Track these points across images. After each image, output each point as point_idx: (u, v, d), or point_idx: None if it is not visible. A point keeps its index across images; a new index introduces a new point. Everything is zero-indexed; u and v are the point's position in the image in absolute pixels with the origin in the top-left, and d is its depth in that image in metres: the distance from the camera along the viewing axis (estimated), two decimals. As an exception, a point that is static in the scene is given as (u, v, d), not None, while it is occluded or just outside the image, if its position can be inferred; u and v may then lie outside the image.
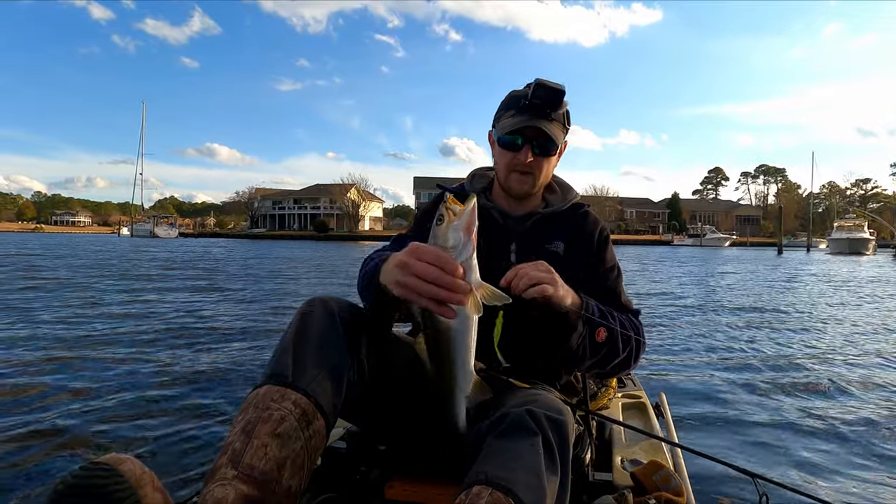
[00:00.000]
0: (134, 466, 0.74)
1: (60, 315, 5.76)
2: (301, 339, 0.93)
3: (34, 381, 3.20)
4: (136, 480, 0.72)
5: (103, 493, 0.69)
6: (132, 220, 62.42)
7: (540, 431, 0.87)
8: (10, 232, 73.74)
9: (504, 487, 0.78)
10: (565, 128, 1.21)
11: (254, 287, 9.36)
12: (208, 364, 3.74)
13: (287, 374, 0.88)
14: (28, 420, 2.53)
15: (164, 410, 2.76)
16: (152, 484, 0.74)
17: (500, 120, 1.20)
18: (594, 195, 65.14)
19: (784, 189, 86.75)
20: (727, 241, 53.43)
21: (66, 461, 2.12)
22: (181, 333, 4.89)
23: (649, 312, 6.92)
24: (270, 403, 0.84)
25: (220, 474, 0.77)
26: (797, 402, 3.19)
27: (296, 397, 0.86)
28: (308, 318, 0.96)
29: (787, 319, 6.61)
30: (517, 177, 1.20)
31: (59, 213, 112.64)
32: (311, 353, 0.91)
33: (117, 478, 0.71)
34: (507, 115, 1.18)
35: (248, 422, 0.82)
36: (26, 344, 4.28)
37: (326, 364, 0.91)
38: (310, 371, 0.89)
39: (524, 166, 1.18)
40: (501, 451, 0.85)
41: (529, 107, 1.15)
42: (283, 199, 69.88)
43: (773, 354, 4.55)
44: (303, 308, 0.99)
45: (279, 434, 0.81)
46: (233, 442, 0.81)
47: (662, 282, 11.91)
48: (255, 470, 0.78)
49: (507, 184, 1.22)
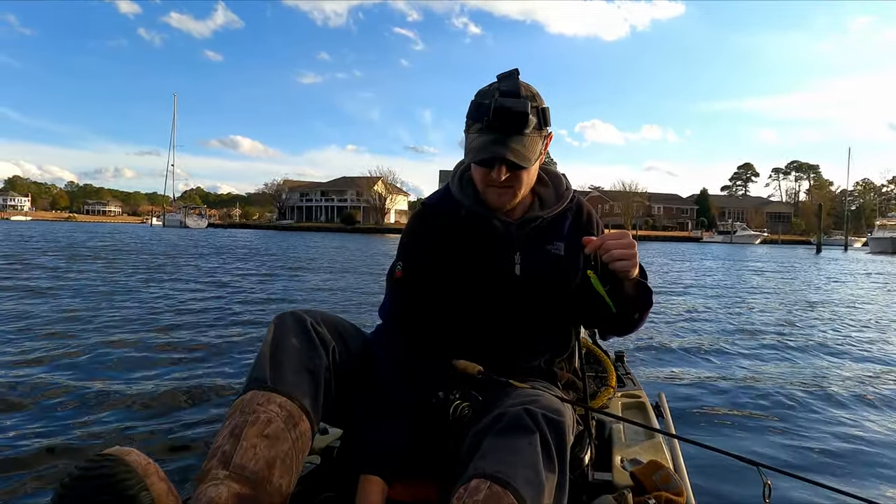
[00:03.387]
0: (139, 458, 0.75)
1: (164, 297, 6.04)
2: (277, 347, 0.96)
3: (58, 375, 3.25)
4: (143, 470, 0.74)
5: (111, 482, 0.71)
6: (164, 210, 63.73)
7: (538, 430, 0.88)
8: (44, 220, 75.82)
9: (502, 481, 0.79)
10: (541, 130, 1.09)
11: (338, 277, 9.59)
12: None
13: (269, 378, 0.91)
14: (31, 416, 2.54)
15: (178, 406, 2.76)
16: (157, 474, 0.76)
17: (469, 131, 1.09)
18: (622, 190, 64.32)
19: (816, 186, 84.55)
20: (758, 238, 52.41)
21: (69, 458, 2.12)
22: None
23: (685, 311, 6.91)
24: (256, 407, 0.86)
25: (211, 475, 0.79)
26: (804, 403, 3.11)
27: (281, 400, 0.88)
28: (280, 329, 1.00)
29: (843, 317, 6.55)
30: (495, 191, 1.10)
31: (90, 202, 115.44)
32: (288, 359, 0.94)
33: (124, 468, 0.72)
34: (473, 129, 1.07)
35: (236, 425, 0.84)
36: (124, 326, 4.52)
37: (304, 369, 0.95)
38: (290, 376, 0.92)
39: (500, 183, 1.07)
40: (499, 448, 0.86)
41: (492, 128, 1.04)
42: (310, 192, 70.48)
43: (800, 356, 4.43)
44: (275, 321, 1.03)
45: (267, 435, 0.83)
46: (221, 445, 0.83)
47: (712, 281, 11.76)
48: (247, 469, 0.80)
49: (485, 198, 1.13)
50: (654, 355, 4.33)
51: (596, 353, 1.87)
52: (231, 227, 62.59)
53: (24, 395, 2.79)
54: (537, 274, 1.14)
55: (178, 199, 75.79)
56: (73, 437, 2.30)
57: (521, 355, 1.17)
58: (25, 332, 4.30)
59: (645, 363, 4.03)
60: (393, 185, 65.46)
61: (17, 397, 2.75)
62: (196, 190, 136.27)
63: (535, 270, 1.13)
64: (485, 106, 1.05)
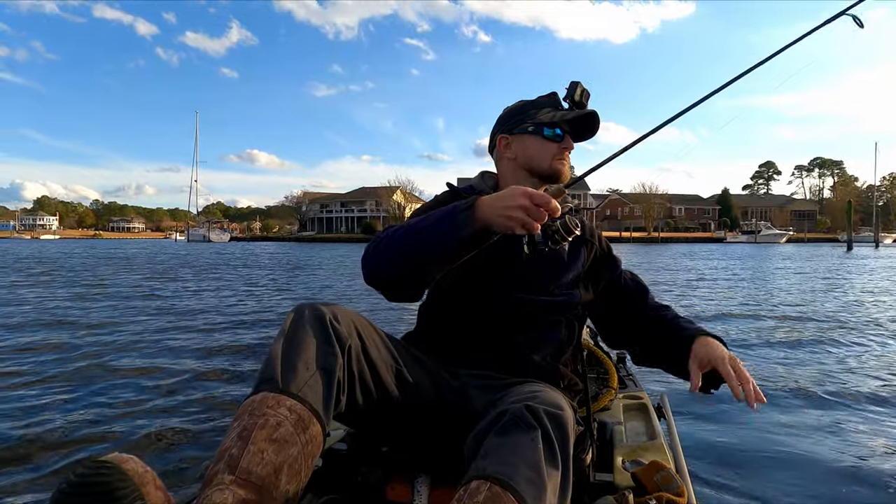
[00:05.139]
0: (136, 465, 0.74)
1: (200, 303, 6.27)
2: (290, 344, 0.93)
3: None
4: (139, 479, 0.73)
5: (107, 490, 0.70)
6: (188, 225, 64.93)
7: (539, 426, 0.88)
8: (72, 238, 77.69)
9: (503, 481, 0.78)
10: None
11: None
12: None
13: (280, 380, 0.88)
14: (31, 420, 2.57)
15: (172, 410, 2.79)
16: (154, 483, 0.75)
17: (536, 118, 1.27)
18: (642, 192, 63.78)
19: (841, 182, 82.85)
20: (784, 237, 51.52)
21: (68, 460, 2.14)
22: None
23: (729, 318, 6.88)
24: (266, 410, 0.84)
25: (217, 479, 0.77)
26: (806, 406, 3.05)
27: (291, 403, 0.86)
28: (297, 323, 0.96)
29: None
30: (562, 163, 1.28)
31: (115, 219, 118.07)
32: (301, 358, 0.91)
33: (121, 476, 0.71)
34: (544, 113, 1.27)
35: (244, 428, 0.82)
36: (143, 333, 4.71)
37: (318, 369, 0.91)
38: (302, 376, 0.89)
39: (566, 155, 1.28)
40: (500, 447, 0.85)
41: (571, 104, 1.26)
42: (330, 203, 71.17)
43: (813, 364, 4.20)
44: (292, 313, 0.99)
45: (276, 439, 0.82)
46: (229, 448, 0.80)
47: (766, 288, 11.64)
48: (253, 475, 0.78)
49: (554, 171, 1.27)
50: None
51: (597, 355, 1.85)
52: (253, 240, 63.49)
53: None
54: (543, 255, 1.16)
55: (200, 214, 77.13)
56: (75, 438, 2.34)
57: (527, 346, 1.20)
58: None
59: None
60: (411, 193, 65.79)
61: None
62: (217, 204, 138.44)
63: (540, 251, 1.09)
64: (566, 92, 1.26)
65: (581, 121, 1.27)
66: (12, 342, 4.53)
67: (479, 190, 1.30)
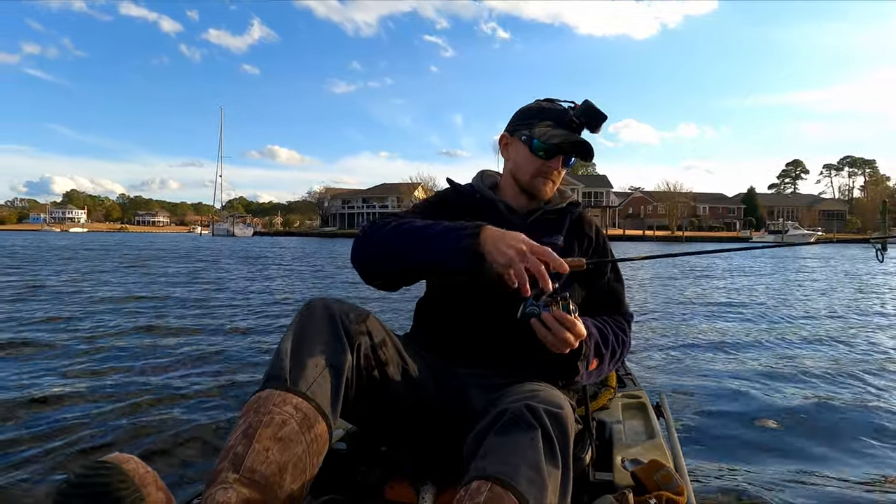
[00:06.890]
0: (137, 466, 0.74)
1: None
2: (300, 341, 0.92)
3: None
4: (140, 479, 0.73)
5: (108, 491, 0.70)
6: (213, 219, 66.04)
7: (539, 425, 0.87)
8: (100, 231, 79.53)
9: (503, 481, 0.78)
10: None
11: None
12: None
13: (288, 377, 0.87)
14: (32, 419, 2.56)
15: (172, 411, 2.73)
16: (155, 483, 0.75)
17: (534, 127, 1.24)
18: (665, 191, 62.99)
19: (872, 181, 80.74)
20: (812, 237, 50.32)
21: (70, 460, 2.13)
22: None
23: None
24: (272, 407, 0.83)
25: (221, 478, 0.77)
26: (811, 406, 2.99)
27: (297, 401, 0.85)
28: (307, 319, 0.96)
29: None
30: (542, 181, 1.26)
31: (140, 213, 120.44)
32: (310, 355, 0.90)
33: (121, 476, 0.72)
34: (543, 125, 1.23)
35: (250, 425, 0.82)
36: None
37: (326, 366, 0.91)
38: (310, 374, 0.88)
39: (552, 174, 1.25)
40: (500, 447, 0.85)
41: (572, 124, 1.22)
42: (351, 199, 71.80)
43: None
44: (302, 310, 0.98)
45: (281, 438, 0.81)
46: (234, 446, 0.80)
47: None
48: (257, 474, 0.77)
49: (531, 186, 1.27)
50: (655, 356, 4.27)
51: None
52: (276, 234, 64.24)
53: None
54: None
55: (224, 209, 78.34)
56: (76, 438, 2.33)
57: (526, 344, 1.15)
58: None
59: (646, 364, 3.97)
60: (432, 190, 65.91)
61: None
62: (239, 199, 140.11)
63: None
64: (559, 108, 1.25)
65: (570, 146, 1.25)
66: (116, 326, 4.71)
67: (478, 189, 1.33)
